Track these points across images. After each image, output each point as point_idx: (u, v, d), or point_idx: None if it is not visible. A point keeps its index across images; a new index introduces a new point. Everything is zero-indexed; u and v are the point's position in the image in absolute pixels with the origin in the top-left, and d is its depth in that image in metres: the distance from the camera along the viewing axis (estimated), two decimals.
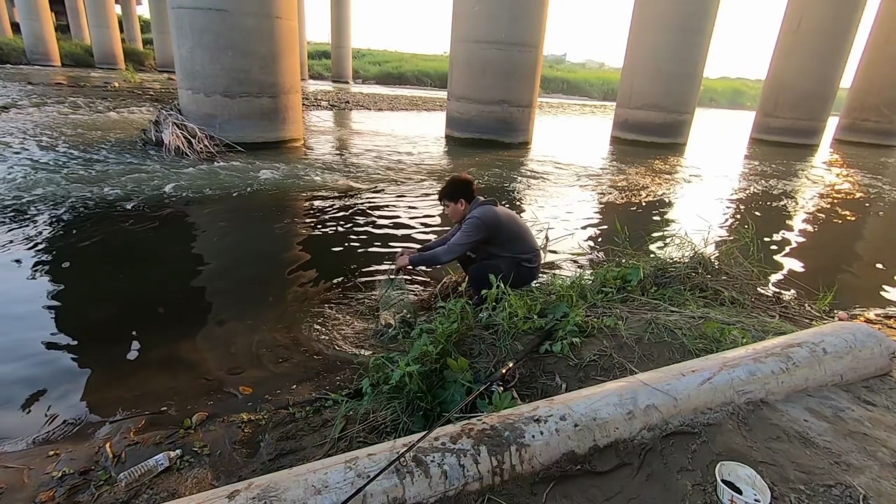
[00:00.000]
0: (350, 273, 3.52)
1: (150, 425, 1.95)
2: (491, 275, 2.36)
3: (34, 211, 4.37)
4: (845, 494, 1.21)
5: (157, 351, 2.51)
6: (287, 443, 1.78)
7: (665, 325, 2.03)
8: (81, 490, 1.58)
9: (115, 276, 3.38)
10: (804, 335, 1.78)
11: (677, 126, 12.26)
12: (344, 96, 19.66)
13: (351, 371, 2.34)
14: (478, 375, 1.83)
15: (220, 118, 7.28)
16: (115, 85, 16.44)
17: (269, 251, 4.03)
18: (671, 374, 1.52)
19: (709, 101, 37.40)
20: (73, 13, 29.03)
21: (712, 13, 11.56)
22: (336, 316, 2.93)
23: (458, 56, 9.84)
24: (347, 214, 4.96)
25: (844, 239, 5.63)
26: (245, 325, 2.78)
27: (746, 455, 1.32)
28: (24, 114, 9.49)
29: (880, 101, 15.91)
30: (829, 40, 13.69)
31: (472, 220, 2.67)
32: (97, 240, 3.89)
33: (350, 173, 6.79)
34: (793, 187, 8.19)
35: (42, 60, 23.08)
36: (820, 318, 2.50)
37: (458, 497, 1.18)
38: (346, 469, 1.17)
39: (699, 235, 3.02)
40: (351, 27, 29.34)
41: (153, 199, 4.95)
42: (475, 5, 9.09)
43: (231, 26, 6.88)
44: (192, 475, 1.62)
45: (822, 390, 1.62)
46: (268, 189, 5.63)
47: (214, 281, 3.41)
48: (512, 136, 9.91)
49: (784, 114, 14.68)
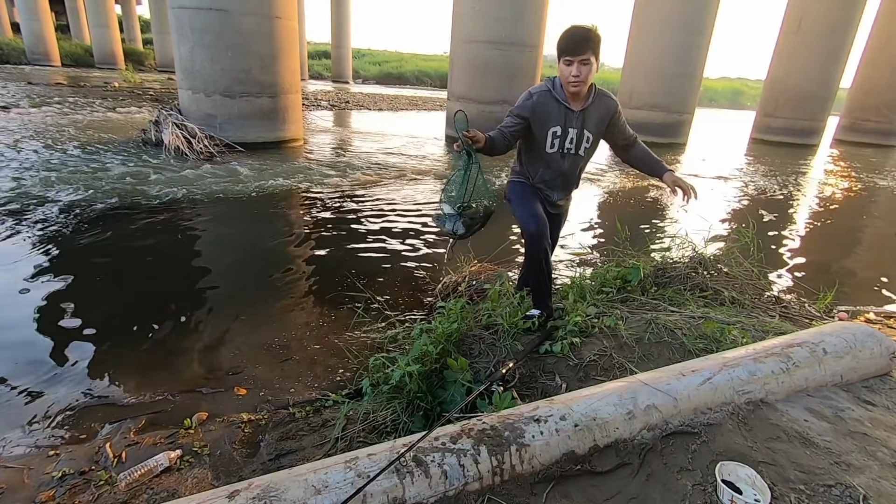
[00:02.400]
0: (350, 273, 3.51)
1: (150, 425, 1.95)
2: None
3: (33, 211, 4.37)
4: (845, 494, 1.21)
5: (157, 351, 2.51)
6: (287, 443, 1.78)
7: (665, 325, 2.03)
8: (81, 490, 1.58)
9: (114, 276, 3.38)
10: (804, 335, 1.78)
11: (677, 126, 12.26)
12: (344, 96, 19.65)
13: (351, 371, 2.34)
14: (478, 375, 1.83)
15: (220, 118, 7.27)
16: (115, 85, 16.44)
17: (269, 251, 4.03)
18: (671, 374, 1.52)
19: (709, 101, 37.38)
20: (73, 13, 29.01)
21: (712, 13, 11.55)
22: (336, 316, 2.93)
23: (458, 56, 9.84)
24: (347, 214, 4.96)
25: (844, 239, 5.63)
26: (245, 325, 2.78)
27: (746, 455, 1.31)
28: (24, 114, 9.49)
29: (880, 102, 15.91)
30: (829, 40, 13.68)
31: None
32: (96, 240, 3.89)
33: (350, 173, 6.78)
34: (793, 187, 8.19)
35: (42, 60, 23.06)
36: (820, 318, 2.50)
37: (458, 497, 1.18)
38: (346, 469, 1.17)
39: (699, 235, 3.02)
40: (351, 27, 29.33)
41: (152, 199, 4.95)
42: (475, 5, 9.09)
43: (231, 26, 6.87)
44: (192, 475, 1.62)
45: (822, 390, 1.62)
46: (268, 189, 5.63)
47: (214, 281, 3.41)
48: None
49: (784, 114, 14.68)
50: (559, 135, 2.06)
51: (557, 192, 2.23)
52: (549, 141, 2.07)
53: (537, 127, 2.05)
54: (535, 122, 2.04)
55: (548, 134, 2.05)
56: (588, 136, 2.08)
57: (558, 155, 2.11)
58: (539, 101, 2.03)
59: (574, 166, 2.17)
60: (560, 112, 2.03)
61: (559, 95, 2.01)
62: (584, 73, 1.92)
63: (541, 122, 2.04)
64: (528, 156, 2.20)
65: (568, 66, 1.94)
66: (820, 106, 14.47)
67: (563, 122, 2.04)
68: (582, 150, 2.11)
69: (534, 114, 2.03)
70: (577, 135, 2.06)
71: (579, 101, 2.04)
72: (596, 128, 2.09)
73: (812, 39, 13.80)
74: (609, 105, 2.09)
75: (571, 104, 2.02)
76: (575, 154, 2.11)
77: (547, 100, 2.02)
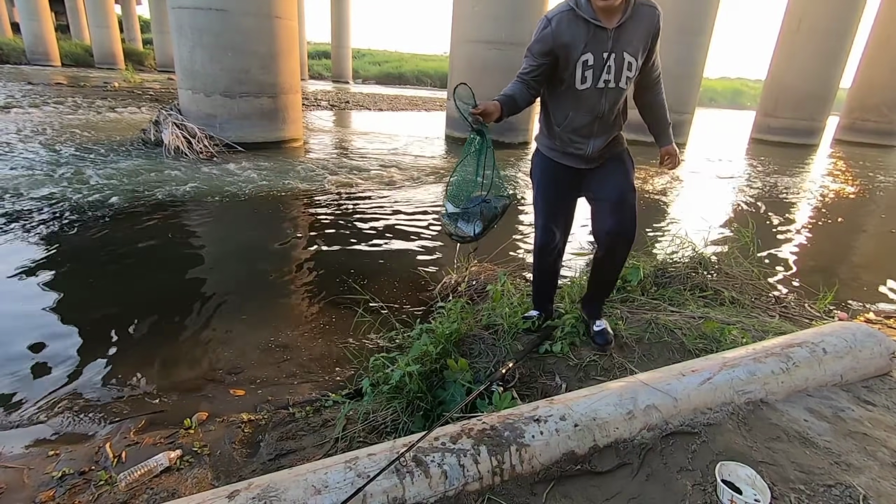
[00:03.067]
0: (350, 273, 3.51)
1: (150, 425, 1.95)
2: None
3: (33, 211, 4.36)
4: (845, 494, 1.21)
5: (157, 351, 2.51)
6: (287, 443, 1.77)
7: (665, 325, 2.03)
8: (81, 490, 1.58)
9: (114, 277, 3.38)
10: (804, 335, 1.78)
11: (677, 126, 12.25)
12: (344, 96, 19.65)
13: (351, 371, 2.34)
14: (478, 375, 1.83)
15: (220, 118, 7.28)
16: (115, 85, 16.43)
17: (269, 251, 4.03)
18: (671, 374, 1.52)
19: (709, 101, 37.39)
20: (73, 13, 29.00)
21: (712, 13, 11.56)
22: (336, 316, 2.93)
23: (458, 56, 9.84)
24: (347, 214, 4.96)
25: (844, 239, 5.63)
26: (245, 325, 2.78)
27: (746, 455, 1.32)
28: (23, 114, 9.49)
29: (880, 102, 15.91)
30: (829, 40, 13.68)
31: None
32: (96, 240, 3.88)
33: (350, 173, 6.78)
34: (793, 187, 8.19)
35: (42, 60, 23.05)
36: (820, 318, 2.50)
37: (458, 497, 1.18)
38: (346, 469, 1.17)
39: (699, 235, 3.02)
40: (351, 27, 29.34)
41: (152, 200, 4.95)
42: (475, 5, 9.09)
43: (231, 26, 6.87)
44: (192, 475, 1.62)
45: (822, 390, 1.62)
46: (267, 190, 5.63)
47: (214, 281, 3.40)
48: (512, 136, 9.91)
49: (784, 114, 14.68)
50: (591, 64, 1.61)
51: (593, 142, 1.77)
52: (580, 74, 1.63)
53: (563, 60, 1.62)
54: (561, 55, 1.62)
55: (577, 66, 1.61)
56: (629, 60, 1.61)
57: (594, 91, 1.66)
58: (560, 27, 1.59)
59: (614, 104, 1.72)
60: (589, 33, 1.58)
61: (586, 12, 1.57)
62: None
63: (566, 52, 1.61)
64: (551, 97, 1.77)
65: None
66: (820, 106, 14.47)
67: (595, 47, 1.59)
68: (623, 80, 1.65)
69: (556, 43, 1.60)
70: (615, 61, 1.61)
71: (613, 15, 1.58)
72: (639, 47, 1.62)
73: (812, 39, 13.80)
74: (651, 16, 1.62)
75: (603, 20, 1.57)
76: (616, 88, 1.66)
77: (570, 21, 1.59)
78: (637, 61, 1.63)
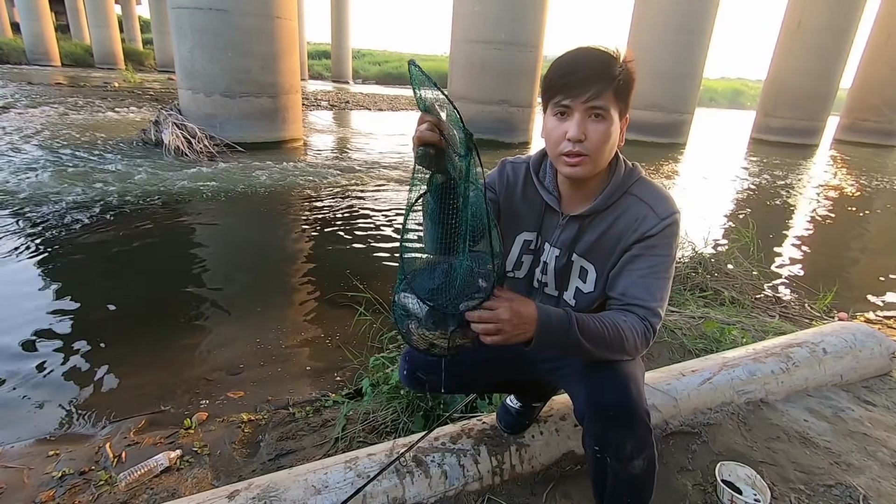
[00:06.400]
0: (350, 273, 3.51)
1: (150, 425, 1.95)
2: None
3: (33, 211, 4.36)
4: (845, 494, 1.21)
5: (157, 351, 2.51)
6: (287, 443, 1.78)
7: (665, 325, 2.03)
8: (81, 490, 1.58)
9: (114, 277, 3.38)
10: (804, 335, 1.78)
11: (677, 126, 12.26)
12: (344, 96, 19.64)
13: (351, 371, 2.34)
14: None
15: (220, 118, 7.28)
16: (115, 85, 16.43)
17: (269, 251, 4.03)
18: (671, 374, 1.52)
19: (709, 101, 37.37)
20: (73, 13, 28.99)
21: (712, 13, 11.55)
22: (336, 315, 2.93)
23: (457, 56, 9.84)
24: (347, 214, 4.96)
25: (844, 239, 5.63)
26: (245, 325, 2.78)
27: (746, 455, 1.32)
28: (23, 114, 9.49)
29: (880, 101, 15.90)
30: (829, 40, 13.68)
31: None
32: (96, 240, 3.88)
33: (350, 173, 6.78)
34: (793, 187, 8.19)
35: (42, 60, 23.04)
36: (820, 318, 2.50)
37: (458, 497, 1.18)
38: (346, 469, 1.17)
39: (699, 235, 3.02)
40: (351, 27, 29.32)
41: (152, 200, 4.95)
42: (475, 5, 9.08)
43: (231, 26, 6.87)
44: (192, 475, 1.62)
45: (822, 390, 1.62)
46: (267, 189, 5.63)
47: (214, 281, 3.40)
48: (512, 136, 9.90)
49: (784, 114, 14.68)
50: (532, 248, 1.10)
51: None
52: (516, 254, 1.11)
53: (504, 223, 1.10)
54: (504, 212, 1.11)
55: (515, 240, 1.11)
56: (583, 267, 1.05)
57: (525, 284, 1.13)
58: (512, 179, 1.12)
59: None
60: (539, 209, 1.08)
61: (543, 178, 1.09)
62: (594, 136, 0.93)
63: (508, 216, 1.11)
64: None
65: (561, 121, 0.96)
66: (820, 106, 14.46)
67: (539, 229, 1.09)
68: (569, 293, 1.07)
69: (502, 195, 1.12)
70: (556, 260, 1.06)
71: (579, 197, 1.05)
72: (603, 256, 1.03)
73: (812, 39, 13.80)
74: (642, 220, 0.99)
75: (561, 198, 1.06)
76: (558, 297, 1.09)
77: (526, 181, 1.11)
78: (598, 272, 1.03)
